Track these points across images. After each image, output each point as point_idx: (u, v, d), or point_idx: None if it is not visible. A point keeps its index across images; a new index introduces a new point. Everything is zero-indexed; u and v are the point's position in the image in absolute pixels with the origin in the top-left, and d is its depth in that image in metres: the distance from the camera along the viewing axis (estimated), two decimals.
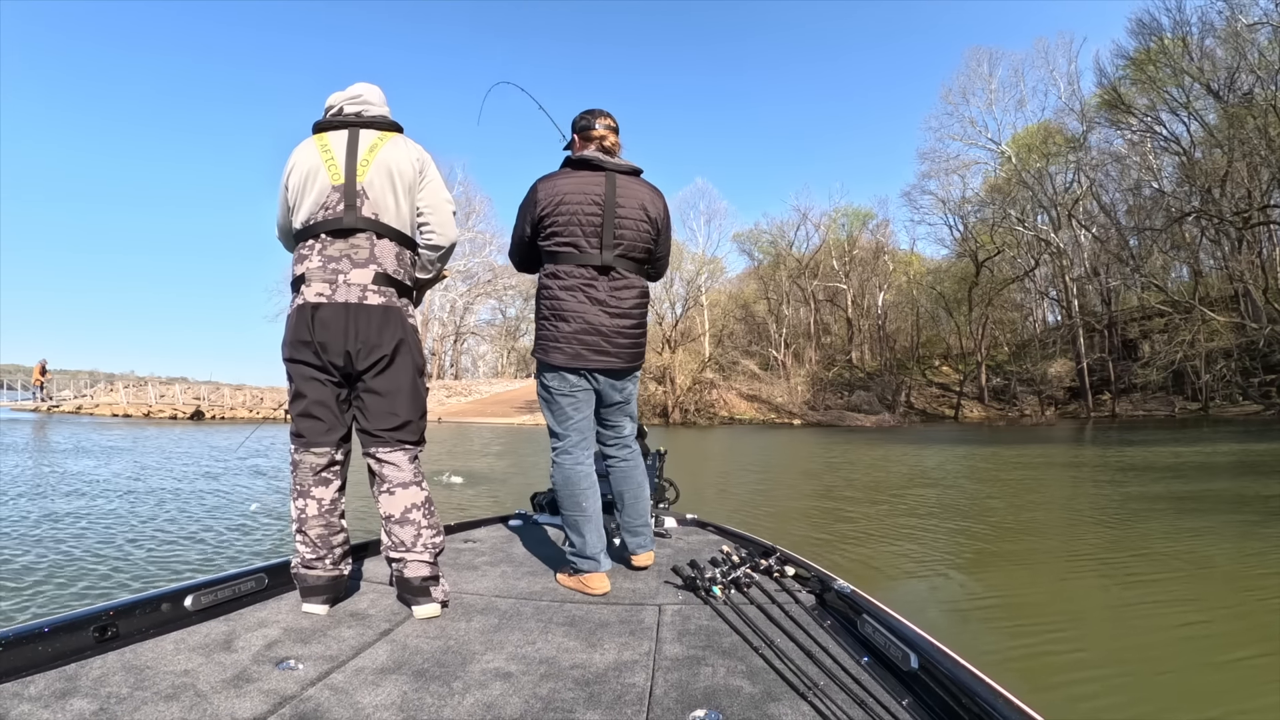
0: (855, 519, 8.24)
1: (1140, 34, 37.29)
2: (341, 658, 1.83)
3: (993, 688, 1.40)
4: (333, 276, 2.24)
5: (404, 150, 2.38)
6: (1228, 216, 33.56)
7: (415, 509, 2.31)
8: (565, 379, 2.70)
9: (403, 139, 2.43)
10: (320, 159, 2.33)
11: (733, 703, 1.57)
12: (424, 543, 2.27)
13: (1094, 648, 3.96)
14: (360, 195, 2.30)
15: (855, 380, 50.21)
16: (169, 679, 1.64)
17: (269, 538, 6.84)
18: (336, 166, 2.32)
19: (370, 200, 2.30)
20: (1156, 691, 3.39)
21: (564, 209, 2.63)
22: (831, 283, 56.16)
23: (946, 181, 51.33)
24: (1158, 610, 4.66)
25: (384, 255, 2.30)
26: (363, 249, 2.27)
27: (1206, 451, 16.51)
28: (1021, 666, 3.71)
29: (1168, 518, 7.97)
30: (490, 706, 1.55)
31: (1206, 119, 35.33)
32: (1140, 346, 40.07)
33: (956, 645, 1.65)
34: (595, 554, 2.60)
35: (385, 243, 2.32)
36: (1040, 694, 3.30)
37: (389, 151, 2.35)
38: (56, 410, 39.76)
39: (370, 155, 2.33)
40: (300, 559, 2.28)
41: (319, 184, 2.31)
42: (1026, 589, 5.37)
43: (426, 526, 2.31)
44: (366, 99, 2.46)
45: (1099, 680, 3.47)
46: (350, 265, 2.25)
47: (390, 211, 2.33)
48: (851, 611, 2.06)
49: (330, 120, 2.43)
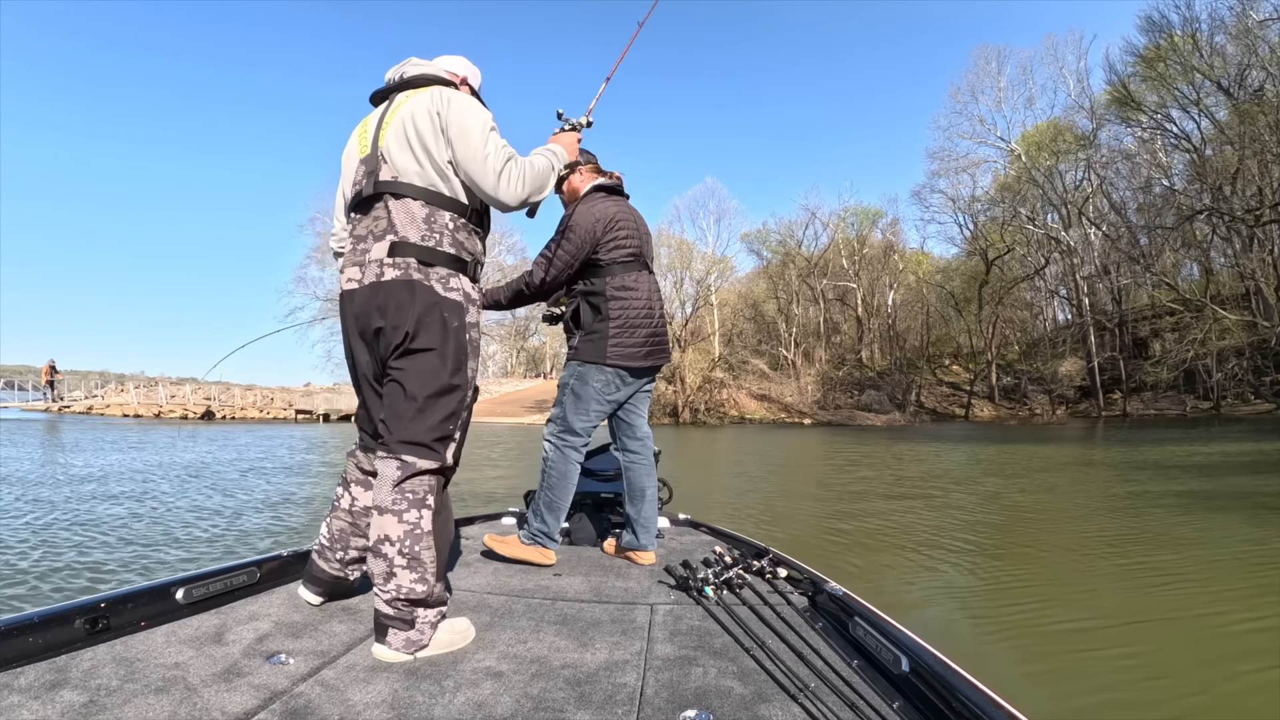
0: (870, 518, 8.22)
1: (1150, 31, 37.06)
2: (333, 653, 1.83)
3: (983, 691, 1.39)
4: (360, 257, 2.02)
5: (422, 99, 2.05)
6: (1239, 214, 33.28)
7: (388, 543, 1.90)
8: (620, 382, 2.99)
9: (429, 90, 2.09)
10: (356, 137, 2.16)
11: (723, 704, 1.57)
12: (394, 585, 1.87)
13: (1102, 647, 3.94)
14: (379, 160, 2.03)
15: (865, 379, 50.03)
16: (159, 671, 1.64)
17: (262, 530, 6.87)
18: (366, 139, 2.11)
19: (389, 163, 2.01)
20: (1159, 691, 3.37)
21: (621, 227, 2.99)
22: (841, 282, 55.96)
23: (956, 180, 51.11)
24: (1170, 608, 4.64)
25: (403, 222, 1.98)
26: (381, 219, 2.00)
27: (1219, 451, 16.38)
28: (1030, 666, 3.70)
29: (1180, 516, 7.92)
30: (481, 705, 1.55)
31: (1217, 116, 34.99)
32: (1151, 345, 39.83)
33: (961, 645, 1.65)
34: (557, 536, 2.97)
35: (405, 205, 1.99)
36: (1043, 692, 3.30)
37: (410, 104, 2.05)
38: (67, 410, 40.05)
39: (391, 115, 2.06)
40: (318, 543, 2.26)
41: (352, 163, 2.13)
42: (1042, 586, 5.34)
43: (400, 567, 1.88)
44: (413, 60, 2.21)
45: (1103, 679, 3.46)
46: (372, 240, 2.00)
47: (412, 170, 2.00)
48: (843, 614, 2.06)
49: (374, 94, 2.23)
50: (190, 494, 9.46)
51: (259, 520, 7.71)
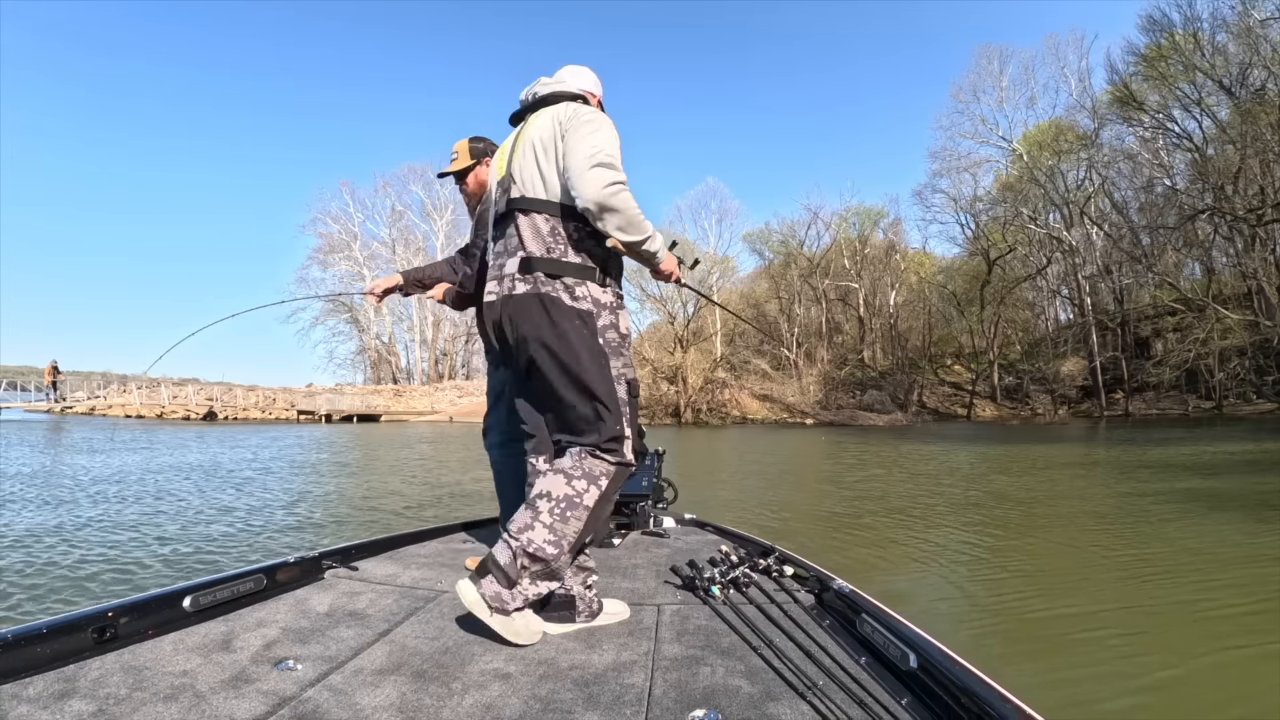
0: (876, 516, 8.22)
1: (1151, 30, 37.09)
2: (340, 658, 1.83)
3: (992, 687, 1.39)
4: (498, 272, 2.14)
5: (548, 115, 2.12)
6: (1241, 214, 33.27)
7: (545, 499, 1.97)
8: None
9: (556, 107, 2.14)
10: (497, 160, 2.26)
11: (732, 703, 1.57)
12: (528, 536, 1.91)
13: (1113, 643, 3.94)
14: (510, 179, 2.14)
15: (867, 379, 50.01)
16: (168, 680, 1.64)
17: (267, 538, 6.88)
18: (503, 161, 2.21)
19: (519, 181, 2.11)
20: (1172, 689, 3.37)
21: None
22: (843, 281, 55.96)
23: (958, 180, 51.20)
24: (1174, 607, 4.63)
25: (529, 237, 2.07)
26: (513, 236, 2.10)
27: (1222, 450, 16.36)
28: (1033, 666, 3.69)
29: (1184, 515, 7.90)
30: (489, 707, 1.55)
31: (1219, 115, 35.03)
32: (1153, 345, 39.84)
33: (970, 641, 1.65)
34: None
35: (531, 221, 2.08)
36: (1048, 691, 3.29)
37: (536, 122, 2.13)
38: (70, 411, 40.12)
39: (522, 135, 2.15)
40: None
41: (492, 185, 2.26)
42: (1051, 583, 5.33)
43: (545, 525, 1.93)
44: (543, 80, 2.28)
45: (1114, 676, 3.45)
46: (506, 256, 2.12)
47: (537, 183, 2.08)
48: (850, 611, 2.05)
49: (512, 116, 2.32)
50: (226, 494, 9.48)
51: (303, 516, 7.75)
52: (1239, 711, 3.17)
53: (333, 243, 59.37)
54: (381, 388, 53.99)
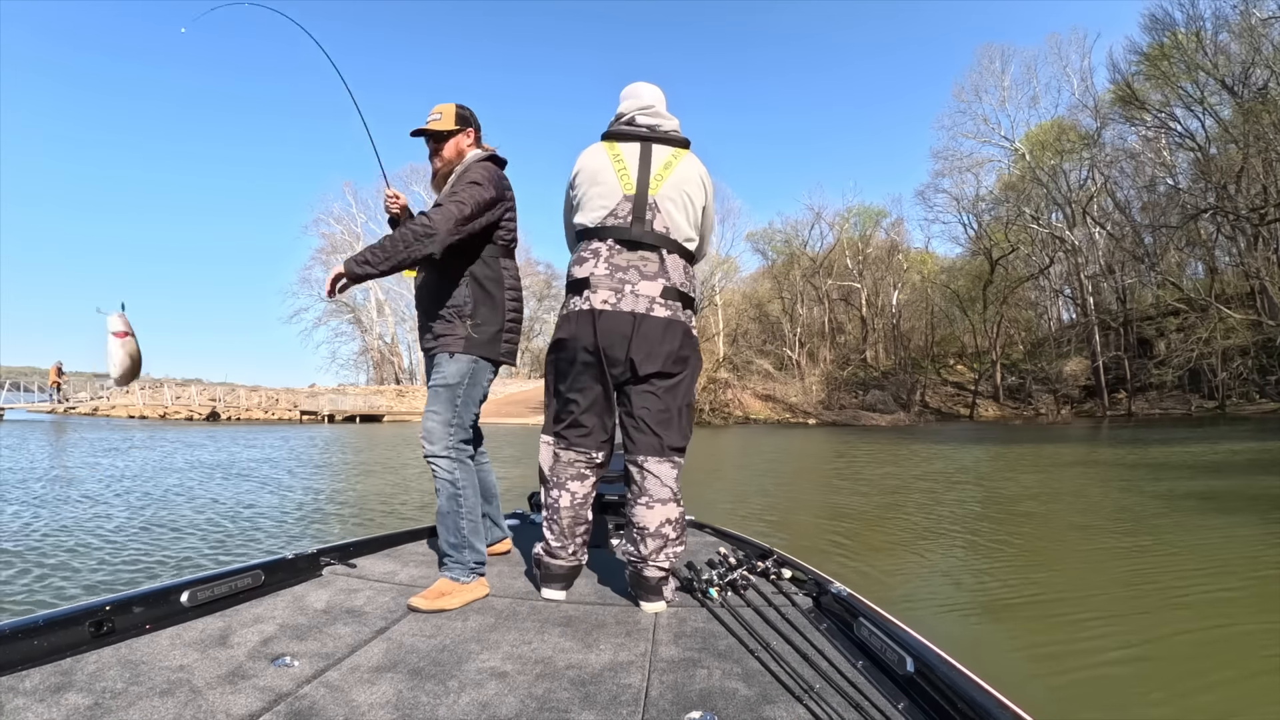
0: (876, 518, 8.21)
1: (1153, 29, 36.95)
2: (337, 655, 1.83)
3: (989, 692, 1.39)
4: (619, 285, 2.36)
5: (695, 170, 2.47)
6: (1243, 213, 33.21)
7: (669, 524, 2.36)
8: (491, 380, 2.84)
9: (692, 157, 2.51)
10: (611, 166, 2.44)
11: (728, 705, 1.56)
12: (667, 552, 2.34)
13: (1112, 650, 3.93)
14: (652, 209, 2.40)
15: (870, 379, 49.99)
16: (164, 674, 1.64)
17: (265, 534, 6.89)
18: (629, 177, 2.42)
19: (662, 215, 2.40)
20: (1167, 690, 3.36)
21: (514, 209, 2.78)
22: (845, 281, 55.93)
23: (960, 179, 51.13)
24: (1177, 610, 4.62)
25: (673, 269, 2.40)
26: (652, 262, 2.38)
27: (1225, 450, 16.32)
28: (1036, 666, 3.69)
29: (1188, 515, 7.89)
30: (485, 706, 1.55)
31: (1221, 114, 34.93)
32: (1156, 344, 39.73)
33: (967, 645, 1.64)
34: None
35: (674, 258, 2.42)
36: (1049, 693, 3.29)
37: (683, 170, 2.45)
38: (73, 411, 40.18)
39: (665, 172, 2.43)
40: (545, 546, 2.47)
41: (609, 190, 2.42)
42: (1050, 587, 5.33)
43: (675, 540, 2.37)
44: (658, 110, 2.55)
45: (1113, 682, 3.45)
46: (639, 277, 2.37)
47: (680, 229, 2.44)
48: (848, 615, 2.05)
49: (622, 130, 2.52)
50: (244, 490, 9.50)
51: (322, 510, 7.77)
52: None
53: (335, 243, 59.22)
54: (384, 388, 54.08)
